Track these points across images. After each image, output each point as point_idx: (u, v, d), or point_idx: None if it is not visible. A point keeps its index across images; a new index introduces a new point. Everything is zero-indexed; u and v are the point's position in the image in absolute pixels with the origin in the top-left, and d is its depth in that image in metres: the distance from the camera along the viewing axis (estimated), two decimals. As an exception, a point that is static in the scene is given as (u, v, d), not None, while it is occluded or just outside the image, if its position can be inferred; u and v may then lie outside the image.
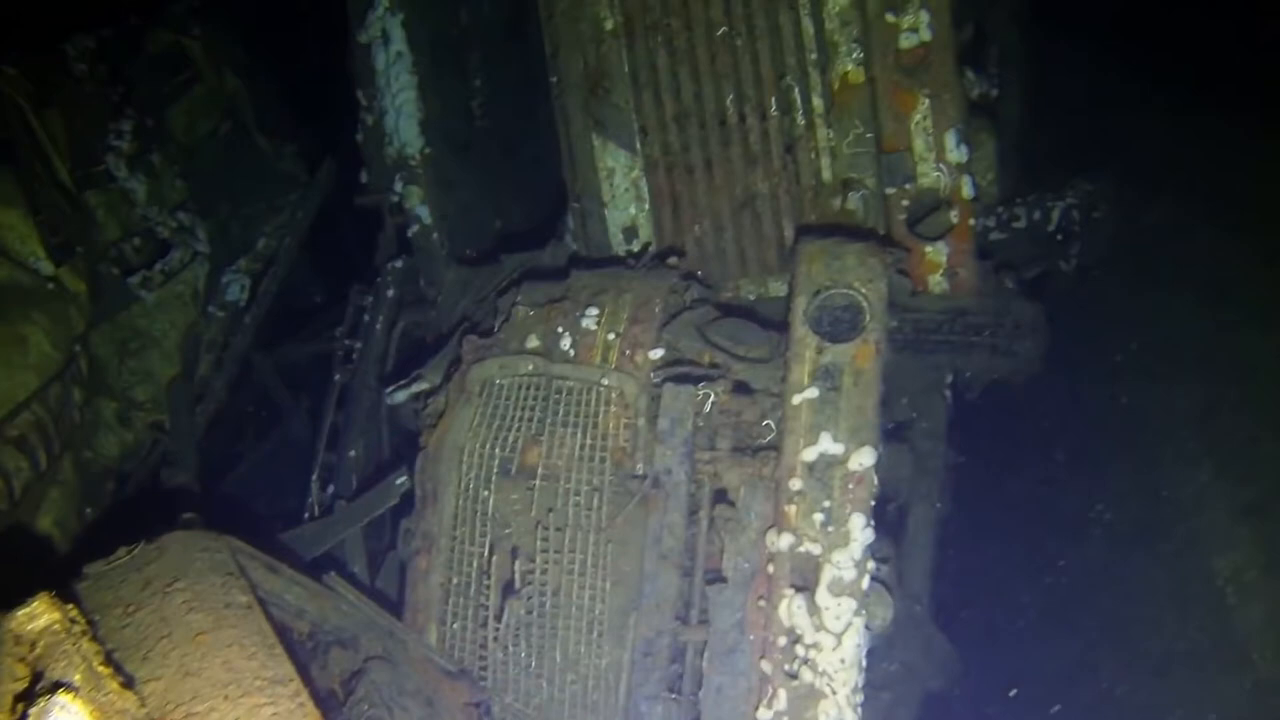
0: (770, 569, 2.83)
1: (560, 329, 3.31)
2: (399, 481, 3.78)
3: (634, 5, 3.79)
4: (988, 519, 4.46)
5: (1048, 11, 4.54)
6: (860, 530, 2.77)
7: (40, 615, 1.85)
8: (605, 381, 3.16)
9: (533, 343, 3.35)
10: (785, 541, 2.81)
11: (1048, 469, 4.69)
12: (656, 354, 3.18)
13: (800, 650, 2.73)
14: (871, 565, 2.80)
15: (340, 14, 4.45)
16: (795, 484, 2.85)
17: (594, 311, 3.30)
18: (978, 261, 3.64)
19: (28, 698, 1.75)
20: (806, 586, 2.77)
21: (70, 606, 1.85)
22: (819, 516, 2.80)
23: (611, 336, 3.24)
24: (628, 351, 3.20)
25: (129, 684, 1.87)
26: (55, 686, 1.70)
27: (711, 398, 3.11)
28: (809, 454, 2.86)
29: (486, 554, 3.22)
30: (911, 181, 3.55)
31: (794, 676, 2.70)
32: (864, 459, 2.83)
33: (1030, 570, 4.61)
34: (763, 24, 3.64)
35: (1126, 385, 4.63)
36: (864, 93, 3.58)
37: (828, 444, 2.85)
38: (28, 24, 4.81)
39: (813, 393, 2.91)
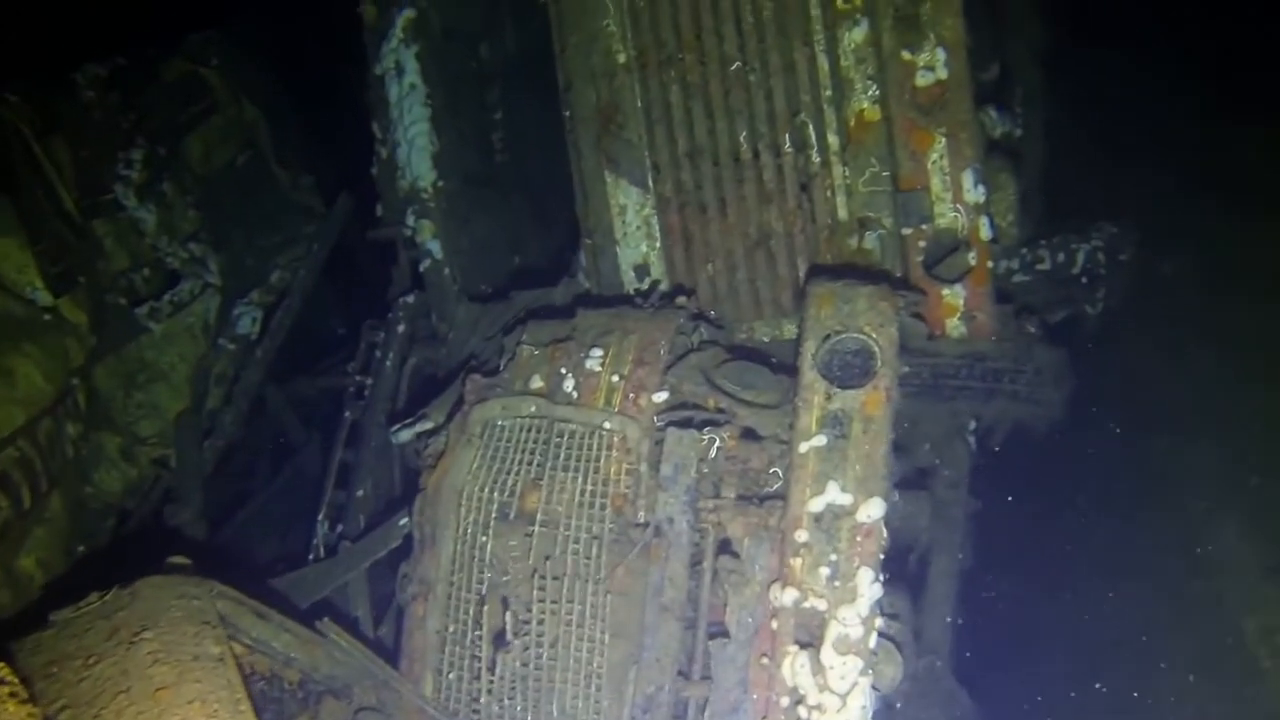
0: (774, 624, 2.72)
1: (564, 370, 3.23)
2: (402, 523, 3.71)
3: (647, 39, 3.74)
4: (1010, 571, 4.31)
5: (1073, 50, 4.44)
6: (868, 585, 2.66)
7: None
8: (607, 425, 3.07)
9: (536, 383, 3.28)
10: (790, 596, 2.70)
11: (1070, 520, 4.53)
12: (661, 397, 3.08)
13: (803, 711, 2.62)
14: (879, 622, 2.69)
15: (360, 45, 4.45)
16: (801, 536, 2.74)
17: (599, 352, 3.22)
18: (997, 305, 3.53)
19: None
20: (811, 643, 2.66)
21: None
22: (825, 570, 2.69)
23: (615, 378, 3.16)
24: (631, 394, 3.11)
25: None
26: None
27: (717, 443, 3.02)
28: (816, 504, 2.75)
29: (485, 601, 3.13)
30: (928, 222, 3.46)
31: (797, 738, 2.59)
32: (873, 510, 2.72)
33: (1054, 626, 4.46)
34: (777, 60, 3.58)
35: (1151, 435, 4.48)
36: (880, 130, 3.50)
37: (835, 494, 2.75)
38: (45, 54, 4.84)
39: (820, 440, 2.81)
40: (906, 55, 3.39)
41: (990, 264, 3.48)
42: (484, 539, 3.15)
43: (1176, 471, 4.34)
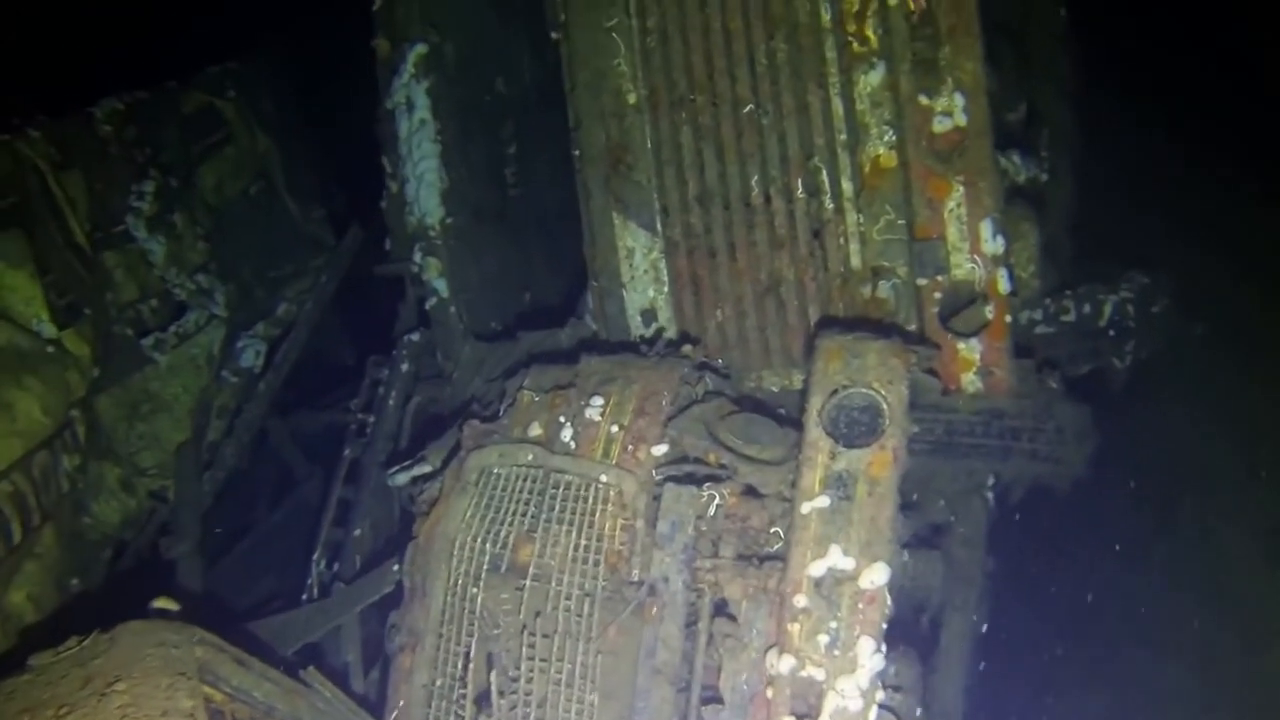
0: (769, 693, 2.59)
1: (563, 418, 3.13)
2: (396, 568, 3.62)
3: (658, 79, 3.66)
4: (1029, 633, 4.16)
5: (1104, 91, 4.31)
6: (869, 655, 2.53)
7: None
8: (604, 478, 2.97)
9: (535, 430, 3.18)
10: (786, 664, 2.57)
11: (1097, 576, 4.37)
12: (660, 450, 2.97)
13: (798, 785, 2.49)
14: (880, 694, 2.55)
15: (374, 78, 4.41)
16: (800, 601, 2.62)
17: (599, 401, 3.12)
18: (1015, 360, 3.39)
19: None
20: (808, 714, 2.53)
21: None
22: (824, 638, 2.56)
23: (615, 429, 3.05)
24: (630, 447, 3.00)
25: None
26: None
27: (716, 500, 2.90)
28: (816, 568, 2.63)
29: (473, 656, 3.02)
30: (944, 273, 3.33)
31: (791, 815, 2.46)
32: (876, 577, 2.60)
33: (1079, 686, 4.29)
34: (791, 102, 3.48)
35: (1188, 491, 4.32)
36: (896, 177, 3.39)
37: (837, 558, 2.62)
38: (67, 88, 4.88)
39: (823, 501, 2.69)
40: (924, 100, 3.28)
41: (1008, 318, 3.35)
42: (475, 591, 3.04)
43: (1216, 527, 4.19)
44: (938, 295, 3.36)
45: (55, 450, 3.95)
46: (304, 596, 4.12)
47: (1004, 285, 3.32)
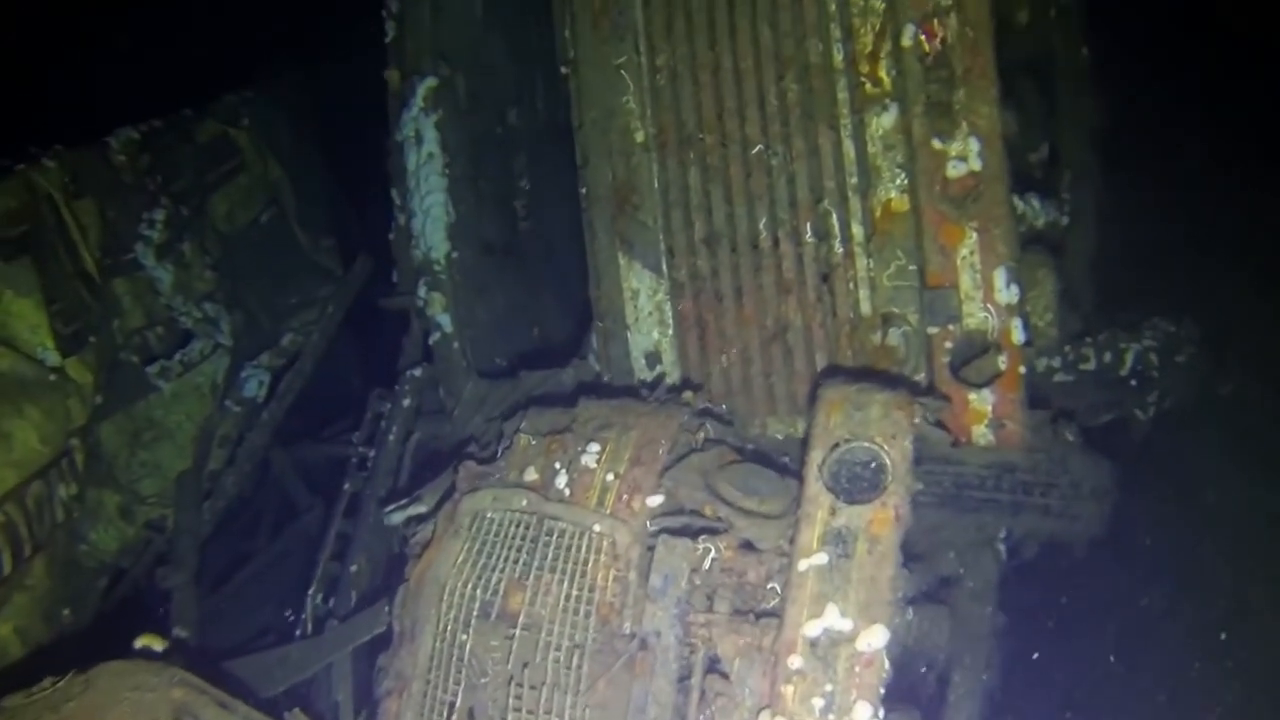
0: (762, 756, 2.50)
1: (558, 464, 3.06)
2: (388, 609, 3.55)
3: (667, 117, 3.59)
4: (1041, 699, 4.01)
5: (1130, 131, 4.20)
6: (866, 721, 2.43)
7: None
8: (597, 527, 2.88)
9: (531, 475, 3.11)
10: (780, 728, 2.47)
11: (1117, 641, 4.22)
12: (655, 501, 2.89)
13: None
14: (878, 762, 2.46)
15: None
16: (795, 661, 2.52)
17: (596, 448, 3.04)
18: (1029, 412, 3.28)
19: None
20: (802, 780, 2.44)
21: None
22: (819, 702, 2.46)
23: (610, 477, 2.97)
24: (625, 496, 2.92)
25: None
26: None
27: (712, 553, 2.82)
28: (812, 628, 2.53)
29: (459, 704, 2.94)
30: (956, 321, 3.23)
31: None
32: (874, 639, 2.49)
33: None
34: (801, 144, 3.39)
35: (1219, 554, 4.17)
36: (907, 222, 3.29)
37: (834, 618, 2.53)
38: (89, 117, 4.91)
39: (821, 559, 2.59)
40: (937, 144, 3.19)
41: (1022, 369, 3.23)
42: (464, 637, 2.96)
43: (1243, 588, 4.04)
44: (949, 344, 3.26)
45: (51, 480, 3.93)
46: (297, 632, 4.05)
47: (1018, 335, 3.21)
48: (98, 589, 4.49)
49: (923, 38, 3.18)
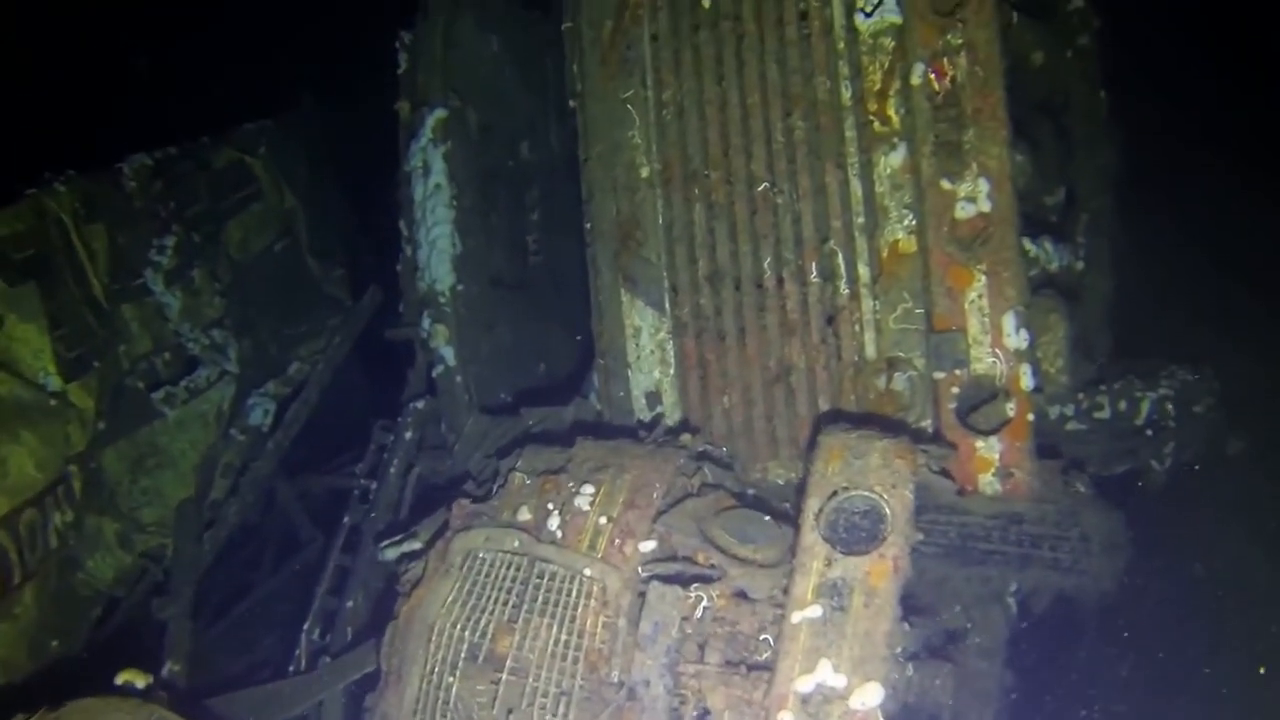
0: (750, 817, 2.41)
1: (551, 505, 2.99)
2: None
3: (672, 153, 3.54)
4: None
5: (1147, 174, 4.10)
6: (858, 784, 2.33)
7: None
8: (588, 572, 2.81)
9: (524, 515, 3.04)
10: (768, 787, 2.38)
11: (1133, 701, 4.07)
12: (647, 546, 2.82)
13: None
14: (873, 826, 2.36)
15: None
16: (785, 718, 2.43)
17: (590, 489, 2.97)
18: (1037, 461, 3.17)
19: None
20: (791, 844, 2.34)
21: None
22: (810, 761, 2.37)
23: (603, 520, 2.90)
24: (617, 540, 2.84)
25: None
26: None
27: (704, 602, 2.73)
28: (804, 684, 2.44)
29: (442, 750, 2.86)
30: (964, 366, 3.13)
31: None
32: (868, 697, 2.40)
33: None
34: (807, 182, 3.33)
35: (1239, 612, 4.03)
36: (915, 264, 3.20)
37: (827, 674, 2.43)
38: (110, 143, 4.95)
39: (815, 611, 2.51)
40: (946, 185, 3.11)
41: (1031, 417, 3.13)
42: (451, 680, 2.89)
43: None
44: (955, 390, 3.16)
45: (46, 507, 3.91)
46: (290, 668, 3.99)
47: (1027, 382, 3.11)
48: (90, 619, 4.46)
49: (932, 76, 3.12)
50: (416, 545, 3.40)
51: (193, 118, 5.51)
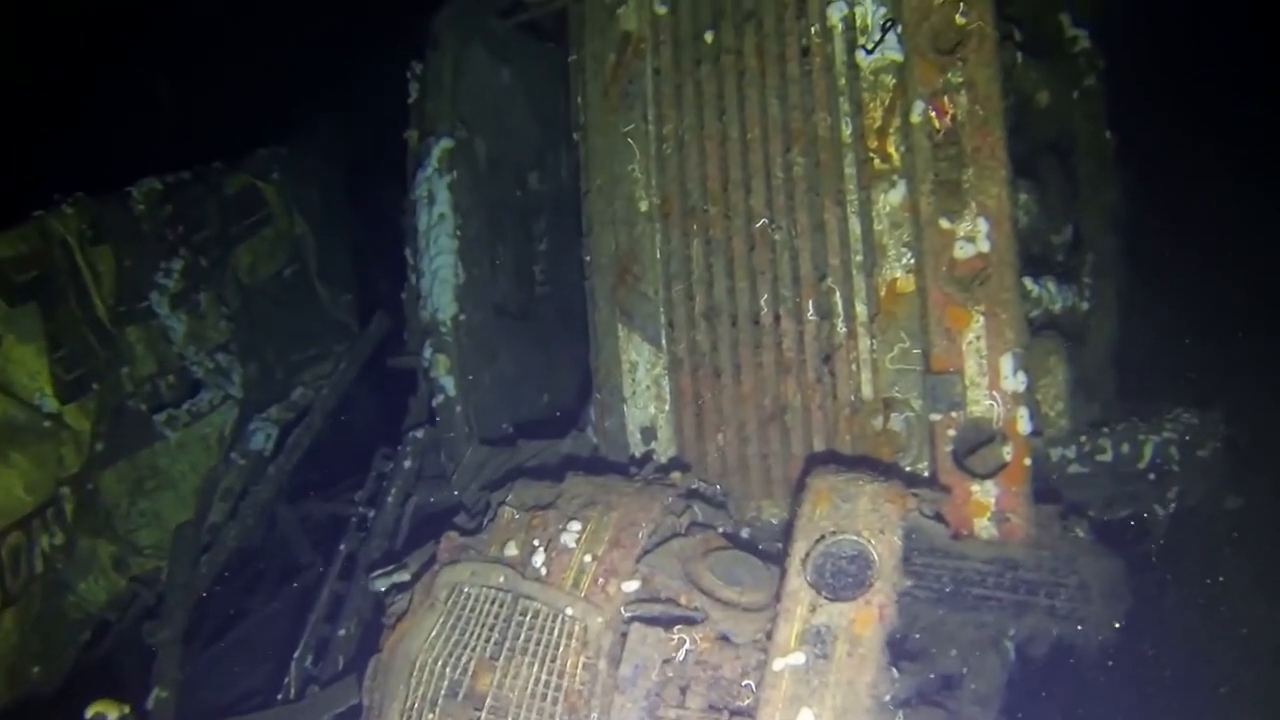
0: None
1: (537, 541, 2.96)
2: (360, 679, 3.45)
3: (672, 187, 3.52)
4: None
5: (1155, 214, 4.03)
6: (837, 838, 2.28)
7: None
8: (570, 611, 2.77)
9: (511, 550, 3.01)
10: (746, 838, 2.33)
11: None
12: (630, 587, 2.77)
13: None
14: None
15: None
16: (766, 766, 2.38)
17: (577, 526, 2.94)
18: (1035, 507, 3.09)
19: None
20: None
21: None
22: (789, 814, 2.32)
23: (588, 559, 2.86)
24: (601, 579, 2.81)
25: None
26: None
27: (687, 645, 2.69)
28: (786, 732, 2.39)
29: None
30: (960, 409, 3.06)
31: None
32: (850, 748, 2.35)
33: None
34: (806, 219, 3.29)
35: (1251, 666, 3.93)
36: (913, 303, 3.14)
37: (808, 723, 2.39)
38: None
39: (798, 659, 2.46)
40: (945, 224, 3.05)
41: (1028, 461, 3.05)
42: (430, 717, 2.86)
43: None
44: (952, 432, 3.10)
45: (33, 530, 3.90)
46: (279, 695, 3.96)
47: (1024, 426, 3.04)
48: (77, 643, 4.44)
49: (932, 114, 3.07)
50: (405, 577, 3.38)
51: (209, 142, 5.56)
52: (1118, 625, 3.11)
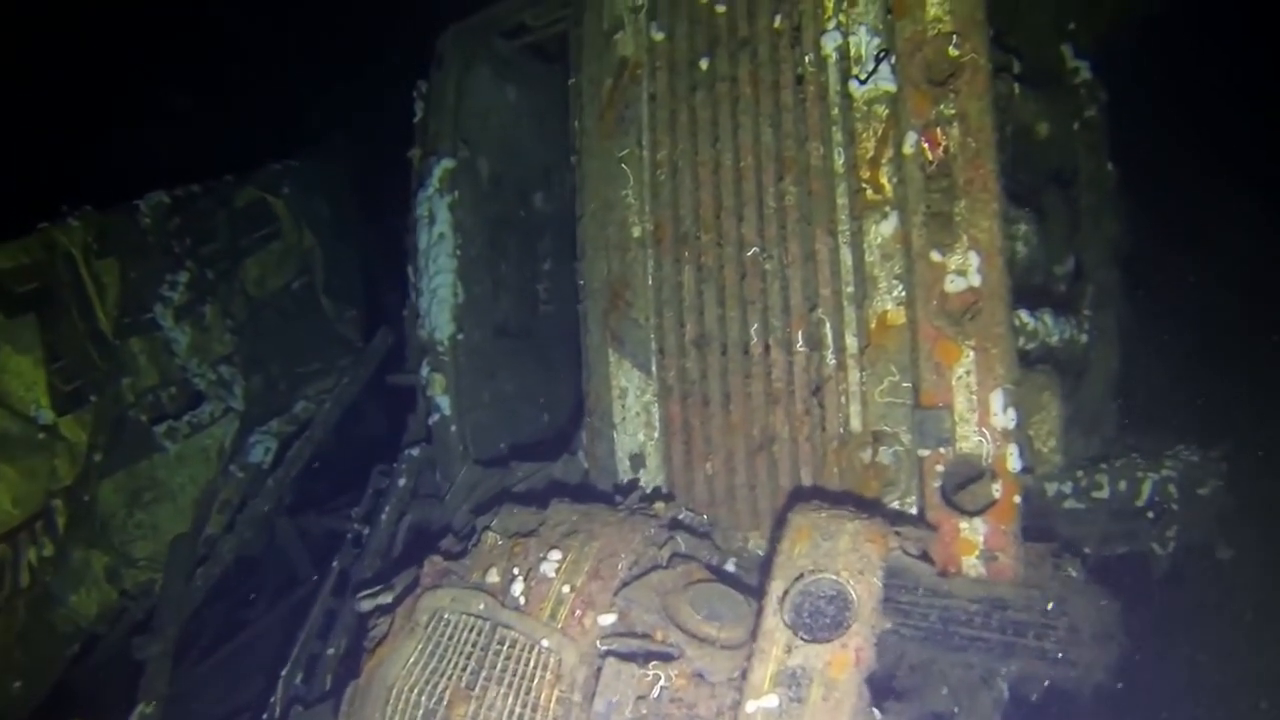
0: None
1: (517, 570, 2.94)
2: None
3: (664, 214, 3.49)
4: None
5: (1158, 245, 3.97)
6: None
7: None
8: (545, 642, 2.75)
9: (493, 577, 3.00)
10: None
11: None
12: (607, 620, 2.75)
13: None
14: None
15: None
16: (736, 811, 2.35)
17: (557, 555, 2.92)
18: (1024, 545, 3.04)
19: None
20: None
21: None
22: None
23: (567, 589, 2.84)
24: (578, 611, 2.78)
25: None
26: None
27: (661, 681, 2.65)
28: (757, 776, 2.35)
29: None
30: (948, 444, 3.02)
31: None
32: (821, 794, 2.31)
33: None
34: (797, 248, 3.25)
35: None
36: (903, 336, 3.10)
37: (781, 767, 2.35)
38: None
39: (771, 702, 2.43)
40: (936, 256, 3.00)
41: (1017, 499, 3.00)
42: (404, 747, 2.85)
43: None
44: (940, 468, 3.05)
45: (19, 543, 3.91)
46: (264, 715, 3.96)
47: (1014, 463, 2.98)
48: (64, 656, 4.44)
49: (925, 145, 3.03)
50: (389, 599, 3.37)
51: (219, 155, 5.59)
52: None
